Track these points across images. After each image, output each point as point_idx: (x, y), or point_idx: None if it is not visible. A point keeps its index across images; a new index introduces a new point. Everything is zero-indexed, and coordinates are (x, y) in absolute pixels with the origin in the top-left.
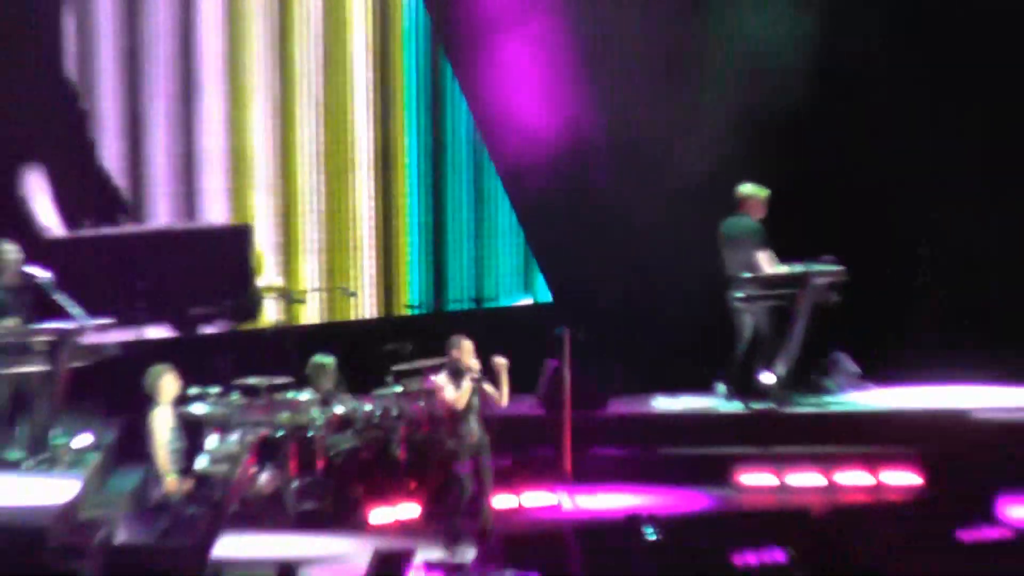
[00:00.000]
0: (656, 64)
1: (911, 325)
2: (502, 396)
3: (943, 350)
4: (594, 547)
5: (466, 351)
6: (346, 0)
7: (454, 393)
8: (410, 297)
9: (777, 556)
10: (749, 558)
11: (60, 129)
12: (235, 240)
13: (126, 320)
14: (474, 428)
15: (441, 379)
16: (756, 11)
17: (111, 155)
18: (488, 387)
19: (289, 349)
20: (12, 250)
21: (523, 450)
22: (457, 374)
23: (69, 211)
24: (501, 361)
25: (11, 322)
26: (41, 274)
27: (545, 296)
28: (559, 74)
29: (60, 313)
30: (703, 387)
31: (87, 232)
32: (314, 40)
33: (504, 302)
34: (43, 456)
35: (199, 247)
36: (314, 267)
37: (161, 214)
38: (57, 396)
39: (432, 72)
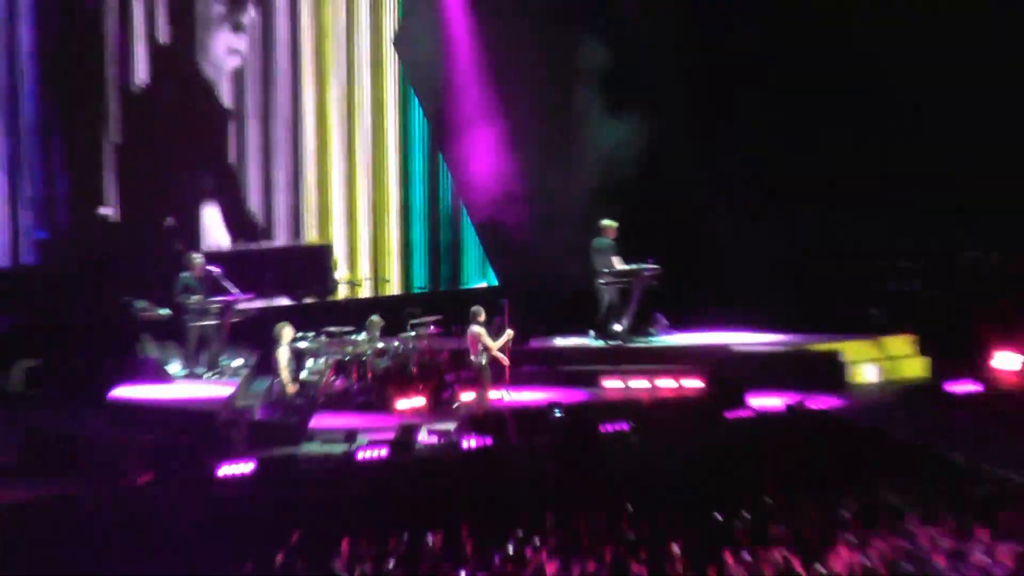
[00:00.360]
0: (555, 147)
1: (699, 298)
2: (504, 354)
3: (718, 312)
4: (523, 423)
5: (508, 336)
6: (383, 106)
7: (492, 342)
8: (416, 282)
9: (624, 427)
10: (609, 428)
11: (224, 181)
12: (322, 252)
13: (262, 296)
14: (483, 360)
15: (484, 331)
16: (607, 124)
17: (254, 200)
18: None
19: (352, 311)
20: (198, 256)
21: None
22: (499, 331)
23: (232, 233)
24: (511, 333)
25: (197, 297)
26: (215, 269)
27: (493, 281)
28: (499, 152)
29: (225, 291)
30: (582, 332)
31: (241, 247)
32: (365, 131)
33: (471, 284)
34: (215, 371)
35: (303, 256)
36: (366, 265)
37: (282, 235)
38: (223, 338)
39: (431, 151)
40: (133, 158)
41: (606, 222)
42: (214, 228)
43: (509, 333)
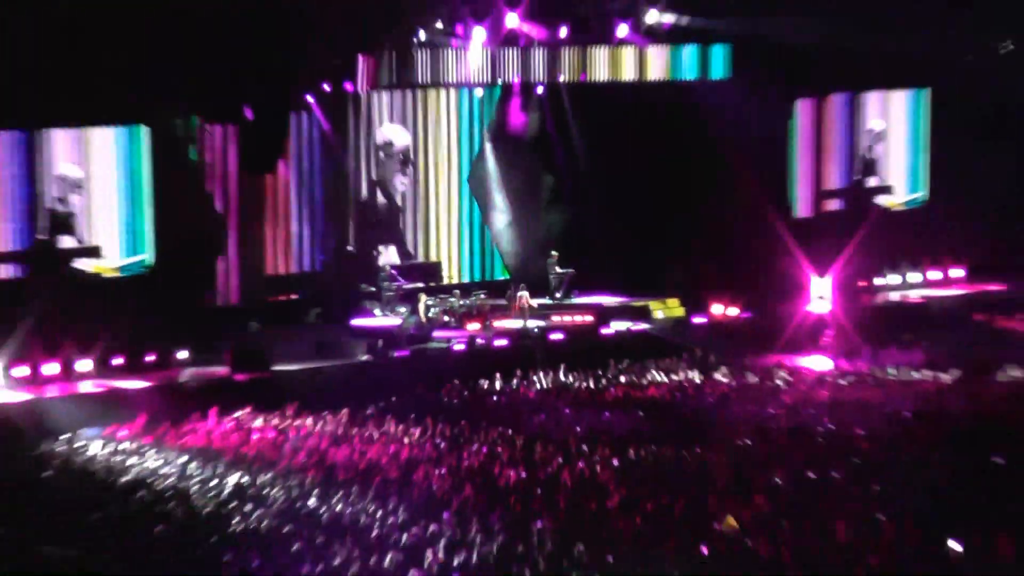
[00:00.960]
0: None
1: (589, 277)
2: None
3: (598, 283)
4: (519, 335)
5: (521, 296)
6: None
7: (532, 301)
8: (462, 274)
9: (560, 335)
10: (552, 336)
11: (389, 232)
12: (437, 266)
13: (411, 282)
14: (525, 307)
15: (527, 295)
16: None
17: (409, 239)
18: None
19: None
20: (387, 265)
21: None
22: (512, 297)
23: (400, 255)
24: (522, 295)
25: (387, 284)
26: (392, 271)
27: (505, 275)
28: None
29: (396, 280)
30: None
31: (403, 263)
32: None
33: (498, 276)
34: (393, 314)
35: (427, 268)
36: (455, 272)
37: (419, 256)
38: (396, 298)
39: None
40: (361, 221)
41: (553, 252)
42: (390, 253)
43: (522, 295)
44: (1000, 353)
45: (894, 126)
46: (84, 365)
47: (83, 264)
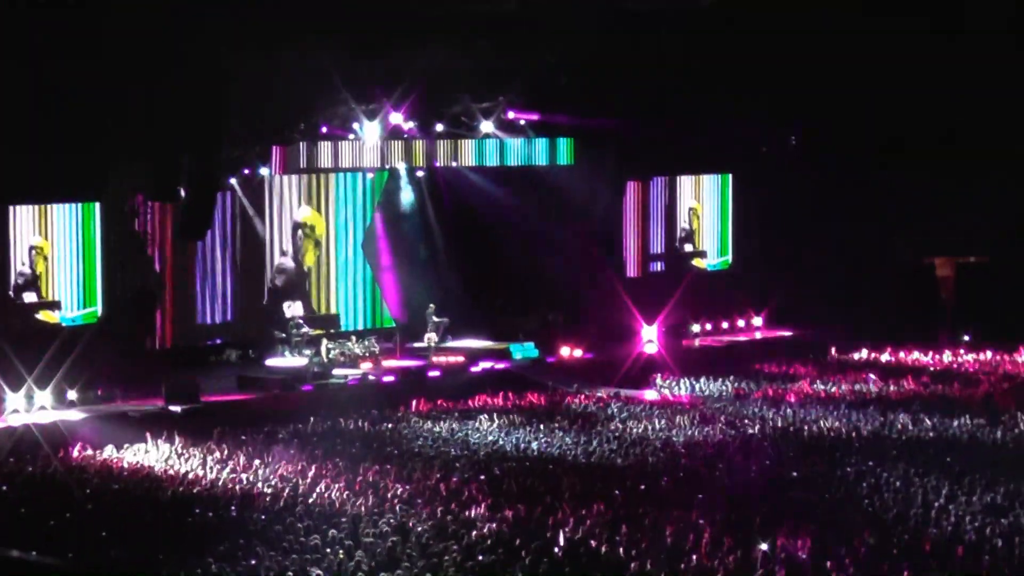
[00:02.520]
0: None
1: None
2: None
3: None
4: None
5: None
6: None
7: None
8: (356, 323)
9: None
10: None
11: (297, 289)
12: (336, 316)
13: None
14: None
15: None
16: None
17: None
18: None
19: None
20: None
21: None
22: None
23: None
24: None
25: (299, 338)
26: (304, 327)
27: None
28: None
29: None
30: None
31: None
32: None
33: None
34: None
35: (328, 318)
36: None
37: None
38: None
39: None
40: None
41: (432, 304)
42: (296, 307)
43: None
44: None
45: (706, 203)
46: (43, 398)
47: (44, 315)
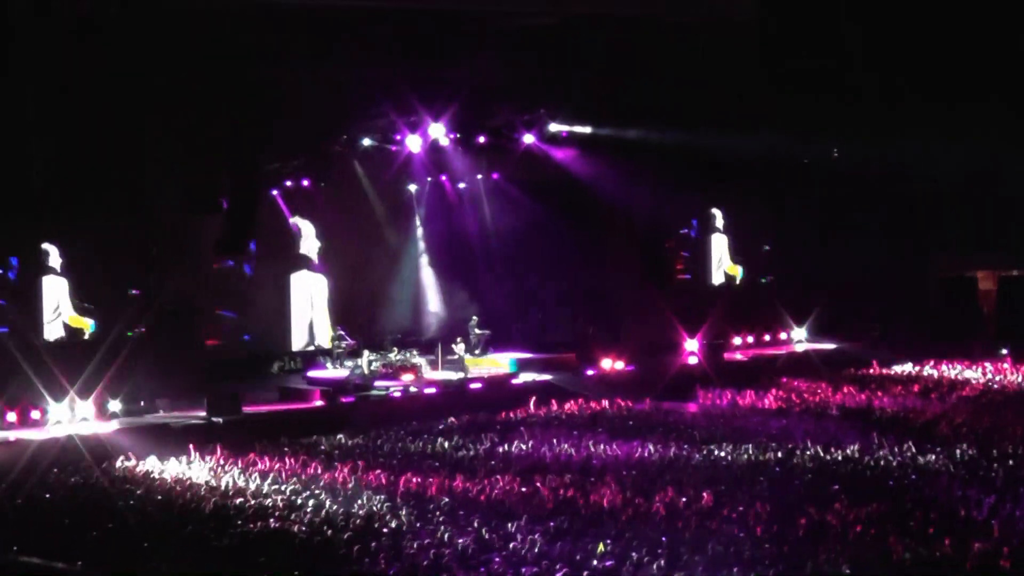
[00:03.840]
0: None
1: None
2: None
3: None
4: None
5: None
6: None
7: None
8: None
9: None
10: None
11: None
12: (379, 327)
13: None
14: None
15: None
16: None
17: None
18: None
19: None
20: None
21: None
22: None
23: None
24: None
25: (340, 349)
26: (346, 339)
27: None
28: None
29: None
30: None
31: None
32: None
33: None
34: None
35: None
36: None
37: None
38: None
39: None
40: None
41: (474, 316)
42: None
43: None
44: None
45: (744, 213)
46: (85, 409)
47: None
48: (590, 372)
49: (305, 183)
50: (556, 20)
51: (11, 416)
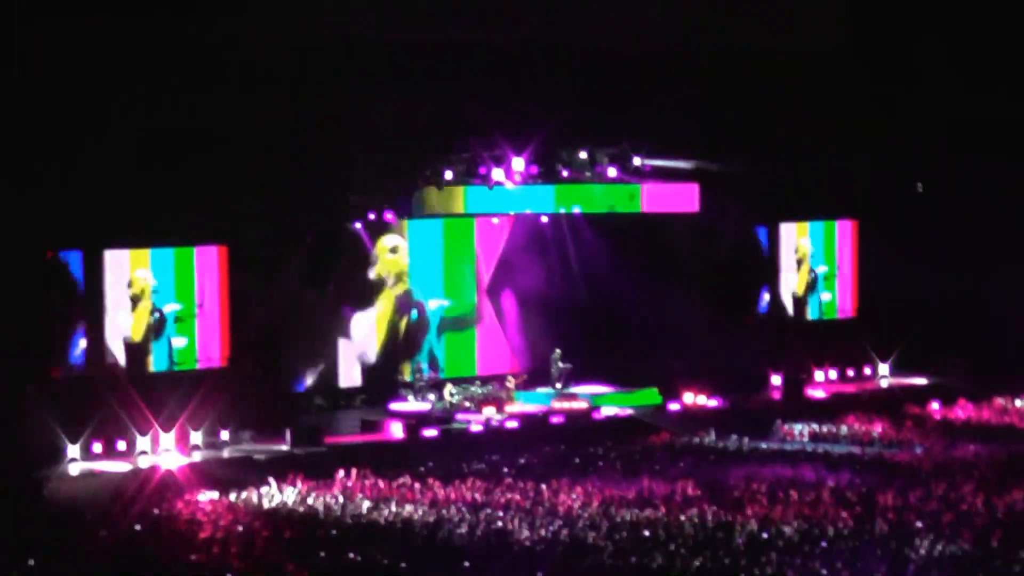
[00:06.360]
0: None
1: None
2: None
3: None
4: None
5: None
6: None
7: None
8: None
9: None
10: None
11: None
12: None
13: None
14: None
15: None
16: None
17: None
18: None
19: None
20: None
21: None
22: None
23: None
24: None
25: (422, 382)
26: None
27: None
28: None
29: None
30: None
31: None
32: None
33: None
34: None
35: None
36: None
37: None
38: None
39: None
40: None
41: (557, 349)
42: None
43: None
44: None
45: (827, 248)
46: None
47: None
48: (672, 406)
49: (388, 216)
50: (639, 52)
51: (97, 447)
